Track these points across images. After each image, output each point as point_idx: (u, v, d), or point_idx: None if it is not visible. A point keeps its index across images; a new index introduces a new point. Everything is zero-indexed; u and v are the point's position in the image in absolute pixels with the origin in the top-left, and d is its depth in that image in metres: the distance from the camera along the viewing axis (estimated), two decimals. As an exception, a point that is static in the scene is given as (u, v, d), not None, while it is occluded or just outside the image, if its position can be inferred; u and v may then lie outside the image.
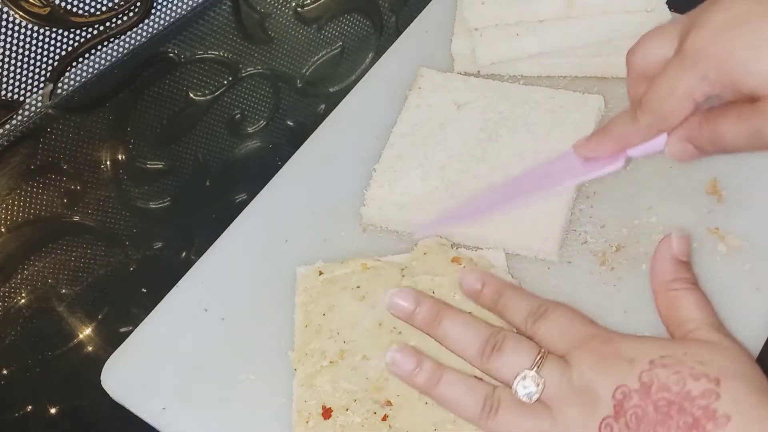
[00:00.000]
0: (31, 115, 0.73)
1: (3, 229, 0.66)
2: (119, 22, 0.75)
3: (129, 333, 0.55)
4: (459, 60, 0.67)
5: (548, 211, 0.56)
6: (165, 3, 0.78)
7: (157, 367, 0.53)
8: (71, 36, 0.72)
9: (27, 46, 0.70)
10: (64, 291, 0.62)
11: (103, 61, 0.76)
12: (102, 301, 0.61)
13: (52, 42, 0.71)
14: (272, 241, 0.59)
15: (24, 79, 0.71)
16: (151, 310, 0.56)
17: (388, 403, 0.48)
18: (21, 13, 0.67)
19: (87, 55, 0.75)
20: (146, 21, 0.77)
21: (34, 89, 0.73)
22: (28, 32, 0.69)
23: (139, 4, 0.75)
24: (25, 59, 0.70)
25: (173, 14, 0.79)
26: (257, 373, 0.52)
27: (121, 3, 0.74)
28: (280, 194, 0.62)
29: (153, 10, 0.77)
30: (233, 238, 0.60)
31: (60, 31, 0.71)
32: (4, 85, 0.70)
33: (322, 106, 0.73)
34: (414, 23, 0.72)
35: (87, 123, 0.74)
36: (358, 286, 0.53)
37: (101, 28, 0.74)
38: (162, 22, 0.79)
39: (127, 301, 0.61)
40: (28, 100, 0.73)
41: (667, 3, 0.63)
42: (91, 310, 0.61)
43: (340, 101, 0.67)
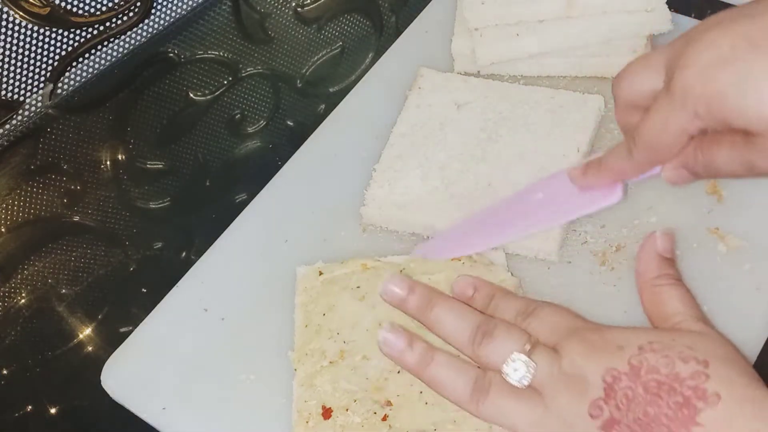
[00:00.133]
0: (31, 115, 0.73)
1: (3, 229, 0.66)
2: (119, 22, 0.75)
3: (129, 333, 0.55)
4: (459, 60, 0.67)
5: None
6: (165, 3, 0.78)
7: (157, 367, 0.53)
8: (71, 36, 0.72)
9: (27, 46, 0.70)
10: (64, 291, 0.62)
11: (103, 61, 0.76)
12: (102, 301, 0.61)
13: (52, 42, 0.71)
14: (272, 241, 0.59)
15: (24, 79, 0.71)
16: (151, 310, 0.56)
17: (388, 403, 0.48)
18: (21, 13, 0.67)
19: (87, 55, 0.75)
20: (146, 21, 0.77)
21: (34, 89, 0.73)
22: (28, 32, 0.69)
23: (139, 4, 0.75)
24: (25, 59, 0.70)
25: (173, 14, 0.79)
26: (257, 373, 0.52)
27: (121, 3, 0.74)
28: (280, 194, 0.62)
29: (153, 10, 0.77)
30: (233, 238, 0.60)
31: (60, 31, 0.71)
32: (4, 85, 0.70)
33: (322, 106, 0.73)
34: (414, 23, 0.72)
35: (87, 123, 0.74)
36: (358, 287, 0.53)
37: (101, 28, 0.74)
38: (162, 22, 0.79)
39: (127, 301, 0.61)
40: (28, 100, 0.73)
41: (667, 3, 0.63)
42: (91, 310, 0.61)
43: (340, 101, 0.67)
